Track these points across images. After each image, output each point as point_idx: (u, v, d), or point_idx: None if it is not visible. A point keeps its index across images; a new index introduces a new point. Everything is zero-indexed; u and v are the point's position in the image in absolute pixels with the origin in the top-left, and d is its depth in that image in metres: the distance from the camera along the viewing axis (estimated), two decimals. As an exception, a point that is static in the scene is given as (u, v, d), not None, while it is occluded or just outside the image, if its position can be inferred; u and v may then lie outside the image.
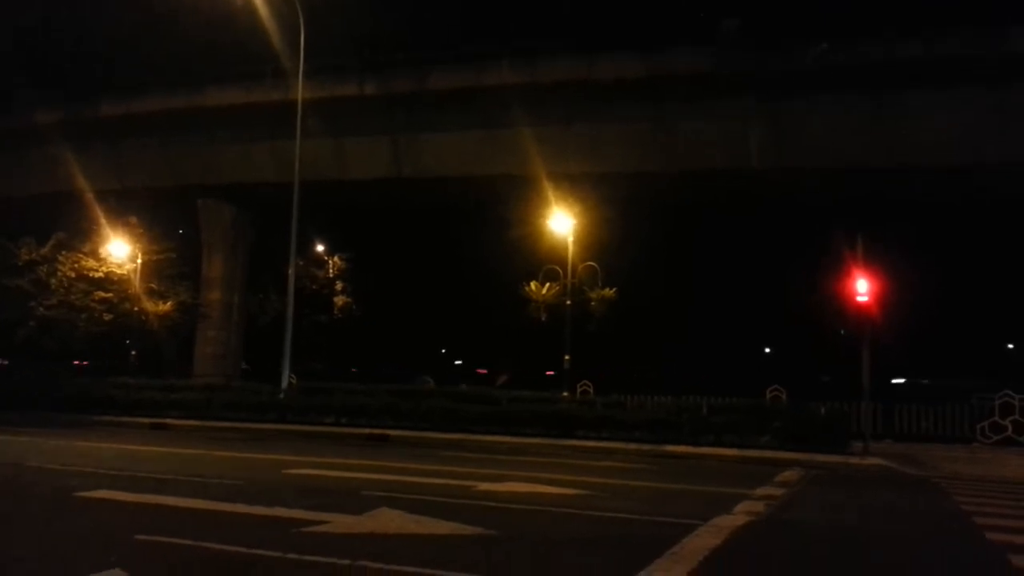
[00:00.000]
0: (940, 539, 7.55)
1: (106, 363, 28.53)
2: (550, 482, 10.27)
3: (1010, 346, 44.63)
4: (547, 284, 26.81)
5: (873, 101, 22.47)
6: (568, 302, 24.90)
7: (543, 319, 26.73)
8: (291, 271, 23.79)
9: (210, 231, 31.18)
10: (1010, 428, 19.69)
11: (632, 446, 15.88)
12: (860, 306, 15.08)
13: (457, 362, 49.36)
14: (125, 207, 28.34)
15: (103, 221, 27.96)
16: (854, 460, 14.55)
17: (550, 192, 25.91)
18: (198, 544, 5.79)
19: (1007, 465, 15.08)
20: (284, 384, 22.03)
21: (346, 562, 5.33)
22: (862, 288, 15.09)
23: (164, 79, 28.28)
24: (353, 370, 38.27)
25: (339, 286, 37.71)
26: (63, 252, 27.46)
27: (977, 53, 20.90)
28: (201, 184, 29.80)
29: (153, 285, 28.25)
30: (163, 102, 28.39)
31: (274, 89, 26.37)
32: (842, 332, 16.45)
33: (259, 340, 31.98)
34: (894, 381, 30.05)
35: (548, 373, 31.41)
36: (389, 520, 6.98)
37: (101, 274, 27.33)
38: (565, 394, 22.13)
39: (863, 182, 25.48)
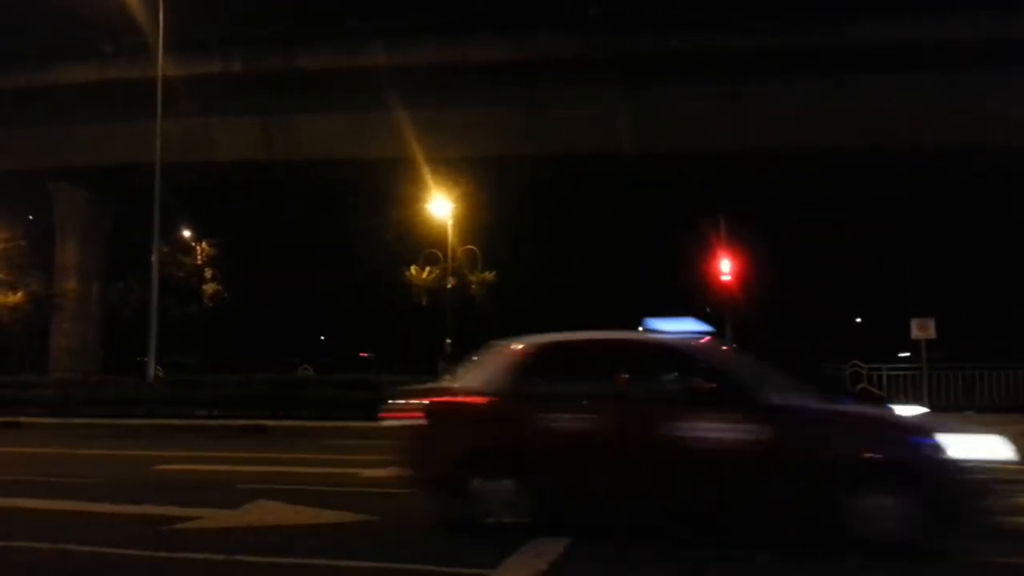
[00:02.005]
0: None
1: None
2: (432, 465, 10.30)
3: (858, 320, 48.21)
4: (427, 268, 26.78)
5: (731, 87, 23.61)
6: (449, 286, 24.99)
7: (424, 303, 26.71)
8: (154, 258, 22.65)
9: (64, 217, 29.19)
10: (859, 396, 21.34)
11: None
12: (723, 284, 15.93)
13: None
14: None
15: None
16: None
17: (428, 176, 25.83)
18: (58, 547, 5.47)
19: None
20: (149, 377, 21.01)
21: (221, 557, 5.19)
22: (725, 268, 15.93)
23: (7, 54, 26.11)
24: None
25: (208, 273, 36.17)
26: None
27: (818, 43, 22.38)
28: (54, 167, 27.82)
29: (1, 275, 26.25)
30: (6, 80, 26.24)
31: (133, 66, 24.87)
32: (707, 309, 17.32)
33: (123, 333, 30.32)
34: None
35: None
36: (267, 512, 6.83)
37: (-59, 264, 25.17)
38: (448, 377, 22.18)
39: (724, 165, 26.80)
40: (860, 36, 21.91)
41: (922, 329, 20.49)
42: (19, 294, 26.27)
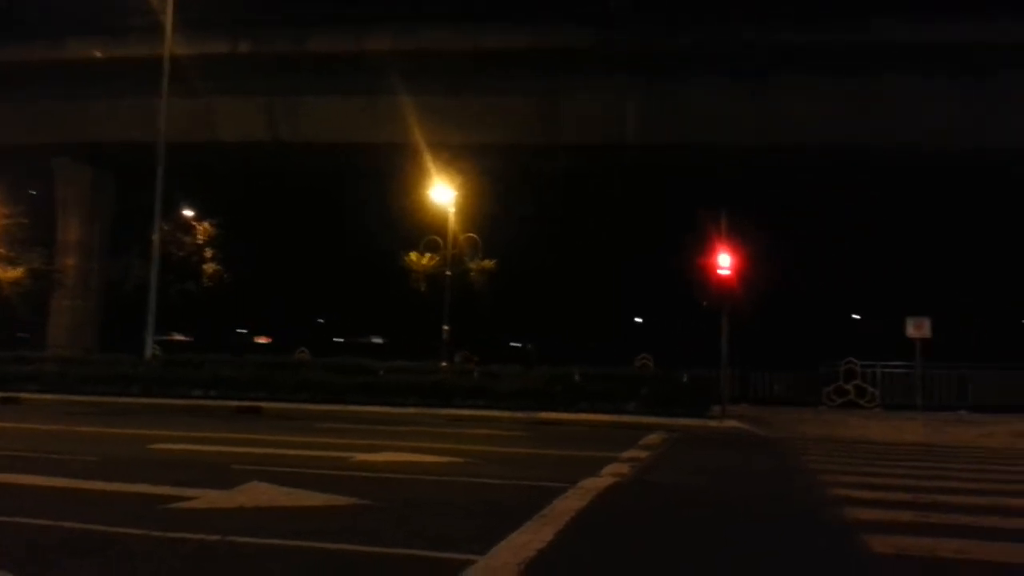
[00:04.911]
0: (787, 495, 8.20)
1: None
2: (427, 451, 10.41)
3: (856, 316, 48.27)
4: (427, 254, 26.81)
5: (746, 82, 23.56)
6: (448, 272, 25.01)
7: (423, 289, 26.74)
8: (155, 236, 22.74)
9: (66, 193, 29.22)
10: (852, 392, 21.46)
11: (508, 414, 16.25)
12: (721, 279, 15.98)
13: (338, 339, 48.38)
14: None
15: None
16: (713, 423, 15.51)
17: (432, 162, 25.81)
18: (54, 524, 5.56)
19: (848, 426, 16.44)
20: (148, 355, 21.10)
21: (215, 538, 5.26)
22: (724, 262, 15.97)
23: (16, 29, 26.04)
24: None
25: (209, 253, 36.17)
26: None
27: (841, 41, 22.26)
28: (58, 142, 27.84)
29: (2, 250, 26.28)
30: (17, 54, 26.19)
31: (139, 43, 24.84)
32: (704, 304, 17.39)
33: (122, 310, 30.37)
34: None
35: None
36: (260, 494, 6.91)
37: (-58, 238, 25.19)
38: (444, 364, 22.29)
39: (731, 158, 26.79)
40: (884, 35, 21.77)
41: (917, 328, 20.56)
42: (19, 269, 26.30)
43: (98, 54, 25.45)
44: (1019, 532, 6.06)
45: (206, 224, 35.70)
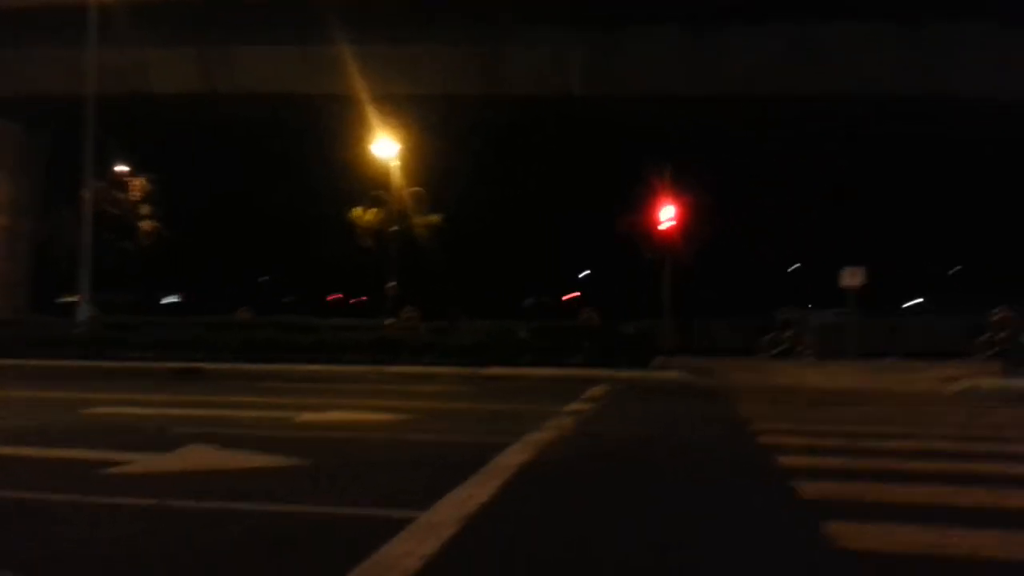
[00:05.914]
0: (724, 444, 8.42)
1: None
2: (372, 408, 10.39)
3: (797, 265, 49.35)
4: (373, 209, 26.50)
5: (691, 34, 23.55)
6: (394, 228, 24.78)
7: (369, 245, 26.49)
8: (87, 194, 21.97)
9: (-9, 149, 27.98)
10: (789, 341, 22.14)
11: (454, 370, 16.31)
12: (664, 232, 16.18)
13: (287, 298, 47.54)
14: None
15: None
16: (655, 374, 15.83)
17: (375, 114, 25.37)
18: (-17, 492, 5.41)
19: (785, 374, 16.95)
20: (83, 317, 20.53)
21: (152, 501, 5.18)
22: (666, 215, 16.16)
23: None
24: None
25: (145, 209, 35.10)
26: None
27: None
28: (-20, 96, 26.53)
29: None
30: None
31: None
32: (647, 256, 17.63)
33: (55, 270, 29.41)
34: None
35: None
36: (200, 456, 6.82)
37: None
38: (390, 321, 22.20)
39: (674, 110, 26.88)
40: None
41: (852, 277, 21.18)
42: (-57, 229, 25.23)
43: (18, 4, 24.15)
44: (943, 474, 6.33)
45: (142, 180, 34.57)
